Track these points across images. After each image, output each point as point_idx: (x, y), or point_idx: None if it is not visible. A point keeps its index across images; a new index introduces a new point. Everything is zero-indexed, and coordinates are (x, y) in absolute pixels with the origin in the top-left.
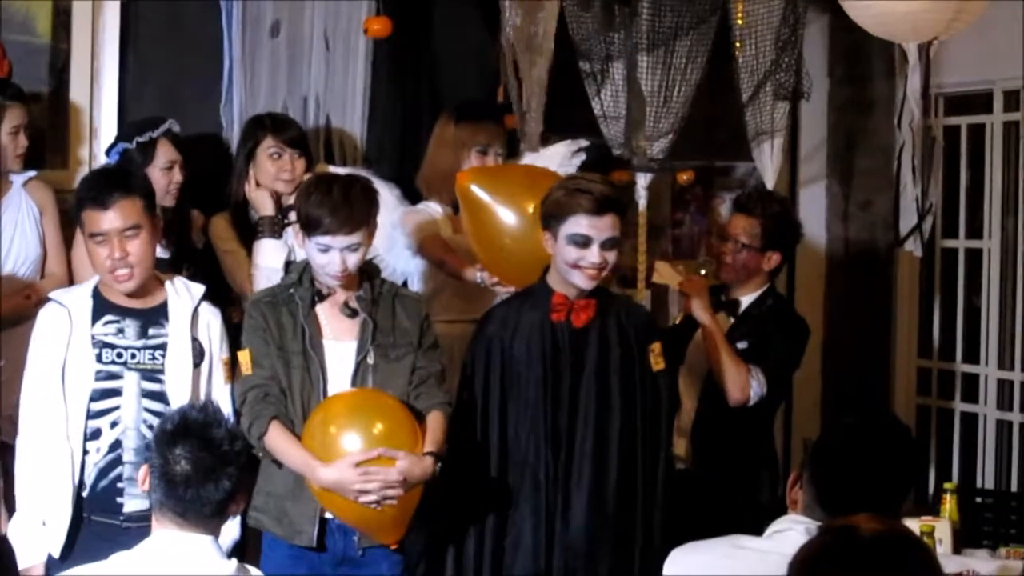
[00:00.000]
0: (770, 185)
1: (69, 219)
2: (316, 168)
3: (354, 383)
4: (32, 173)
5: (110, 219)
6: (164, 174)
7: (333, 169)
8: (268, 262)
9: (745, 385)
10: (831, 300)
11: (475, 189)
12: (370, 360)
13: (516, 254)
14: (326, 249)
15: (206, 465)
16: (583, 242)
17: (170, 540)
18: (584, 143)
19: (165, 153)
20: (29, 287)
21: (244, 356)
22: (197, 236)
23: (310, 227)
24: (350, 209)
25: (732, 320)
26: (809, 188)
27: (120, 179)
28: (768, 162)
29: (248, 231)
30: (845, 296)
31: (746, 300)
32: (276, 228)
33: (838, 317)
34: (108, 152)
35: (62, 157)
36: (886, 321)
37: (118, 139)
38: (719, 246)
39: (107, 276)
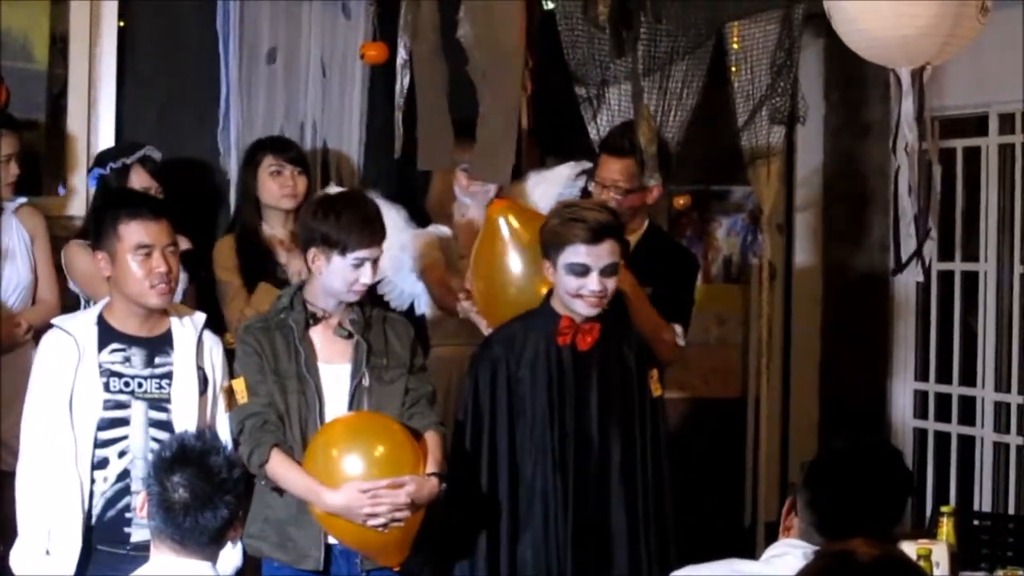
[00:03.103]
0: (766, 209)
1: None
2: (325, 189)
3: (351, 406)
4: (23, 200)
5: (158, 233)
6: None
7: (337, 189)
8: None
9: (673, 344)
10: (828, 323)
11: (502, 223)
12: (365, 382)
13: (510, 300)
14: (360, 263)
15: (204, 493)
16: (582, 271)
17: (168, 567)
18: (587, 165)
19: (139, 179)
20: (19, 315)
21: (239, 384)
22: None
23: (346, 246)
24: (379, 221)
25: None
26: (805, 212)
27: (156, 199)
28: (764, 186)
29: (251, 257)
30: (842, 319)
31: (634, 240)
32: None
33: (835, 340)
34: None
35: (59, 183)
36: (883, 344)
37: (95, 165)
38: (600, 194)
39: (145, 290)
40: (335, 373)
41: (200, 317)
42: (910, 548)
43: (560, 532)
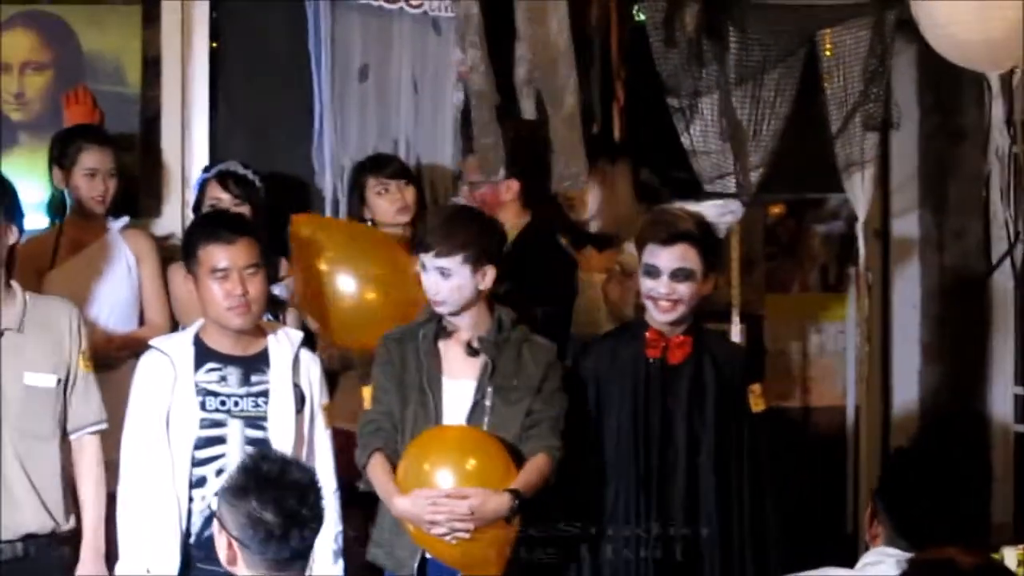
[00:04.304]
0: (861, 216)
1: (163, 266)
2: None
3: (469, 422)
4: (126, 219)
5: (235, 255)
6: None
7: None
8: None
9: None
10: (926, 329)
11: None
12: (487, 401)
13: (344, 310)
14: (423, 268)
15: (296, 513)
16: (652, 272)
17: None
18: (734, 205)
19: (213, 192)
20: (112, 334)
21: (367, 391)
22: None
23: (417, 245)
24: (449, 232)
25: None
26: (902, 218)
27: (240, 220)
28: (860, 193)
29: None
30: (940, 324)
31: (511, 236)
32: None
33: (934, 346)
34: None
35: (155, 205)
36: (982, 349)
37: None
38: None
39: (223, 312)
40: (459, 388)
41: (297, 335)
42: (1011, 554)
43: (644, 545)
